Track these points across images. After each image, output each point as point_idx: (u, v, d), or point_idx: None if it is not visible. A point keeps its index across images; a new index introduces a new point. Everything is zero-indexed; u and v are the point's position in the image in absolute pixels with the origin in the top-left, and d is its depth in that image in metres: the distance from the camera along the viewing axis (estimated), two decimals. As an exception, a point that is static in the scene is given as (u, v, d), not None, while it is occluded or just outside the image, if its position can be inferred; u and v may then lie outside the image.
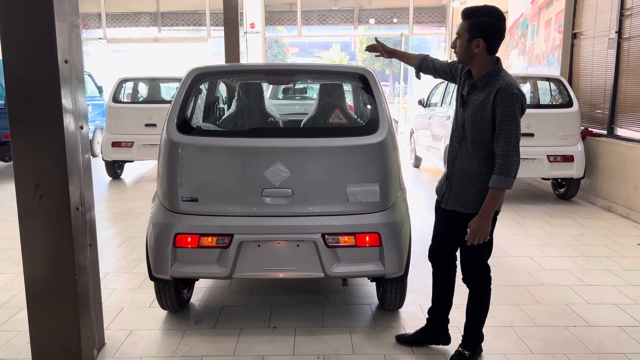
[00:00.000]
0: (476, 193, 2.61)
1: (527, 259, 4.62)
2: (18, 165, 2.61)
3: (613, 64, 6.71)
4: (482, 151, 2.58)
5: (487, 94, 2.51)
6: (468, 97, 2.62)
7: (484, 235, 2.56)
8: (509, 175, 2.46)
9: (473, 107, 2.57)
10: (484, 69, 2.55)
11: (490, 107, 2.49)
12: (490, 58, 2.54)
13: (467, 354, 2.83)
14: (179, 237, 3.03)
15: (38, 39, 2.51)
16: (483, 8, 2.50)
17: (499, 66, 2.56)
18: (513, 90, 2.45)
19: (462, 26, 2.54)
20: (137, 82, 8.99)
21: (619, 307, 3.63)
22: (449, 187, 2.72)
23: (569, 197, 6.92)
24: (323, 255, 3.01)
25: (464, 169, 2.64)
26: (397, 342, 3.07)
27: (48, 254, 2.67)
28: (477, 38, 2.49)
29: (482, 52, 2.51)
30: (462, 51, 2.56)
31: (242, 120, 3.71)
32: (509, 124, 2.45)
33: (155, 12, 14.80)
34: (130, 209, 6.46)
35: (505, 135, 2.45)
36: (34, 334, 2.73)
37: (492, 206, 2.53)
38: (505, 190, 2.52)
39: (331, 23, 14.73)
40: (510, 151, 2.45)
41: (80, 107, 2.77)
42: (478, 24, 2.48)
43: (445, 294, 2.98)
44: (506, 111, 2.44)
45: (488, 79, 2.53)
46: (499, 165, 2.48)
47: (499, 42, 2.53)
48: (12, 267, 4.36)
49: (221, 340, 3.14)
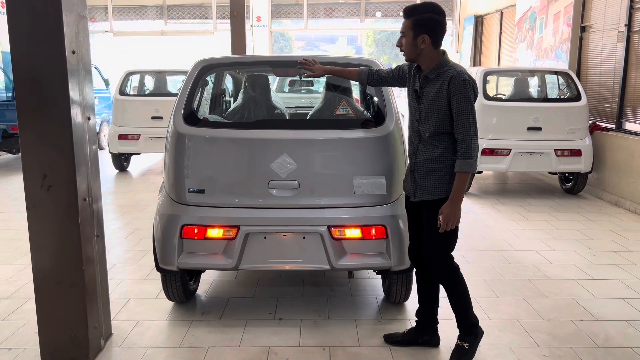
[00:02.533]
0: (441, 178, 2.67)
1: (533, 253, 4.60)
2: (26, 156, 2.62)
3: (622, 57, 6.65)
4: (443, 139, 2.65)
5: (441, 85, 2.59)
6: (422, 91, 2.69)
7: (456, 219, 2.61)
8: (472, 157, 2.56)
9: (428, 100, 2.65)
10: (432, 62, 2.64)
11: (446, 96, 2.58)
12: (436, 51, 2.65)
13: (466, 346, 2.79)
14: (186, 228, 3.04)
15: (45, 30, 2.51)
16: (423, 5, 2.61)
17: (446, 57, 2.66)
18: (464, 77, 2.55)
19: (406, 25, 2.64)
20: (144, 75, 9.00)
21: (626, 302, 3.62)
22: (413, 180, 2.75)
23: (576, 192, 6.88)
24: (329, 247, 3.01)
25: (425, 158, 2.70)
26: (385, 342, 3.01)
27: (56, 244, 2.69)
28: (421, 34, 2.59)
29: (428, 47, 2.62)
30: (409, 49, 2.65)
31: (248, 112, 3.70)
32: (466, 109, 2.54)
33: (162, 5, 14.79)
34: (136, 201, 6.49)
35: (464, 121, 2.55)
36: (42, 324, 2.75)
37: (461, 190, 2.60)
38: (471, 172, 2.60)
39: (337, 16, 14.68)
40: (472, 135, 2.55)
41: (88, 98, 2.77)
42: (420, 20, 2.59)
43: (430, 292, 2.95)
44: (461, 98, 2.54)
45: (438, 71, 2.62)
46: (462, 150, 2.56)
47: (442, 35, 2.65)
48: (20, 258, 4.39)
49: (227, 332, 3.15)
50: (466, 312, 2.82)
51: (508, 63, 10.75)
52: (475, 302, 3.55)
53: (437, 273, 2.79)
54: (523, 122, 6.46)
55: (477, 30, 12.63)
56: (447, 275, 2.77)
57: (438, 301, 2.98)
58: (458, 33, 13.87)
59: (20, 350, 2.94)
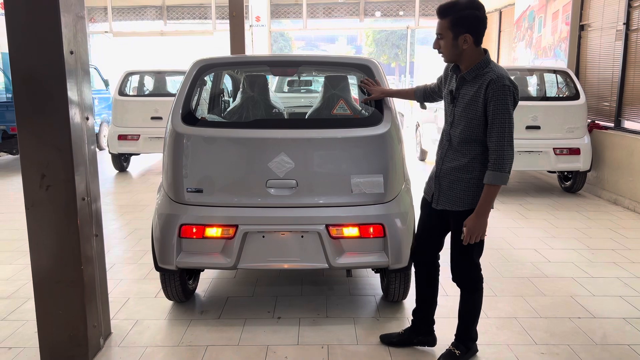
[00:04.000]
0: (467, 189, 2.54)
1: (532, 251, 4.61)
2: (25, 156, 2.63)
3: (621, 56, 6.66)
4: (473, 147, 2.51)
5: (478, 88, 2.43)
6: (457, 93, 2.54)
7: (481, 233, 2.49)
8: (504, 170, 2.40)
9: (463, 103, 2.50)
10: (472, 62, 2.47)
11: (482, 101, 2.41)
12: (478, 50, 2.47)
13: (457, 353, 2.76)
14: (184, 227, 3.05)
15: (43, 30, 2.52)
16: (460, 2, 2.41)
17: (488, 57, 2.49)
18: (505, 82, 2.37)
19: (443, 25, 2.44)
20: (143, 75, 9.01)
21: (624, 299, 3.63)
22: (438, 186, 2.64)
23: (575, 190, 6.89)
24: (327, 246, 3.02)
25: (453, 166, 2.57)
26: (381, 343, 2.98)
27: (54, 244, 2.70)
28: (463, 34, 2.41)
29: (471, 46, 2.43)
30: (449, 50, 2.48)
31: (246, 111, 3.72)
32: (502, 117, 2.37)
33: (161, 5, 14.81)
34: (136, 202, 6.50)
35: (499, 130, 2.38)
36: (42, 323, 2.77)
37: (488, 203, 2.45)
38: (501, 186, 2.46)
39: (337, 16, 14.69)
40: (505, 146, 2.38)
41: (86, 98, 2.78)
42: (460, 19, 2.40)
43: (429, 293, 2.91)
44: (498, 104, 2.36)
45: (477, 72, 2.46)
46: (493, 160, 2.41)
47: (484, 32, 2.46)
48: (20, 258, 4.40)
49: (226, 330, 3.16)
50: (472, 324, 2.80)
51: (507, 62, 10.76)
52: (473, 300, 3.57)
53: (460, 279, 2.71)
54: (522, 120, 6.47)
55: (476, 29, 12.63)
56: (469, 283, 2.71)
57: (436, 302, 2.95)
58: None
59: (19, 349, 2.96)
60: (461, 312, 2.79)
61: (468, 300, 2.75)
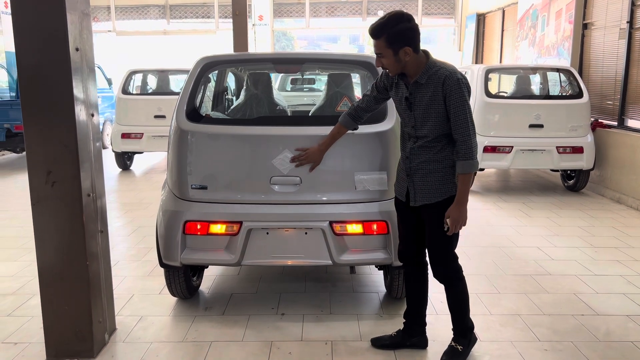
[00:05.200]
0: (441, 179, 2.61)
1: (535, 249, 4.61)
2: (31, 152, 2.64)
3: (624, 54, 6.65)
4: (439, 140, 2.59)
5: (434, 87, 2.51)
6: (413, 98, 2.58)
7: (463, 221, 2.56)
8: (473, 158, 2.51)
9: (423, 105, 2.56)
10: (419, 67, 2.54)
11: (441, 98, 2.50)
12: (420, 56, 2.54)
13: (460, 348, 2.78)
14: (189, 224, 3.06)
15: (49, 27, 2.54)
16: (389, 19, 2.47)
17: (432, 58, 2.56)
18: (458, 76, 2.48)
19: (380, 45, 2.50)
20: (147, 74, 9.03)
21: (628, 297, 3.63)
22: (412, 184, 2.67)
23: (578, 189, 6.88)
24: (331, 242, 3.03)
25: (423, 160, 2.62)
26: (373, 346, 2.94)
27: (60, 240, 2.71)
28: (402, 48, 2.47)
29: (412, 56, 2.51)
30: (394, 66, 2.54)
31: (250, 109, 3.73)
32: (463, 109, 2.48)
33: (164, 4, 14.83)
34: (139, 200, 6.52)
35: (462, 121, 2.49)
36: (47, 318, 2.78)
37: (466, 191, 2.55)
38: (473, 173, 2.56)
39: (339, 15, 14.69)
40: (470, 135, 2.49)
41: (91, 94, 2.80)
42: (395, 35, 2.46)
43: (420, 293, 2.91)
44: (457, 98, 2.47)
45: (428, 73, 2.53)
46: (463, 151, 2.51)
47: (419, 39, 2.53)
48: (24, 255, 4.43)
49: (230, 326, 3.18)
50: (464, 315, 2.81)
51: (510, 61, 10.75)
52: (477, 297, 3.59)
53: (441, 273, 2.74)
54: (525, 119, 6.47)
55: (479, 28, 12.63)
56: (451, 275, 2.74)
57: (427, 302, 2.96)
58: (460, 31, 13.86)
59: (25, 344, 2.97)
60: (453, 307, 2.80)
61: (455, 292, 2.77)
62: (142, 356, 2.86)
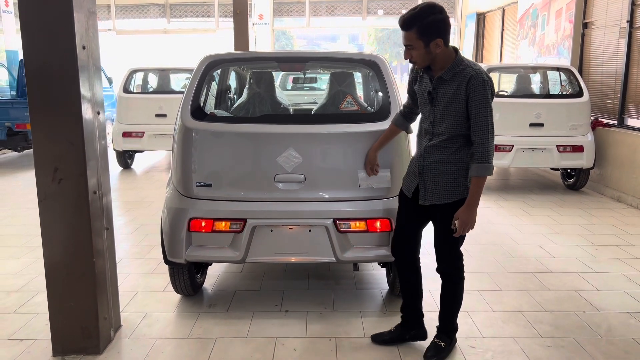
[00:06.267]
0: (453, 181, 2.59)
1: (536, 247, 4.64)
2: (38, 150, 2.66)
3: (624, 53, 6.67)
4: (456, 141, 2.57)
5: (458, 85, 2.49)
6: (436, 92, 2.58)
7: (472, 224, 2.55)
8: (489, 161, 2.49)
9: (444, 101, 2.54)
10: (446, 62, 2.53)
11: (464, 97, 2.48)
12: (449, 50, 2.53)
13: (443, 345, 2.80)
14: (193, 221, 3.08)
15: (56, 25, 2.56)
16: (421, 10, 2.46)
17: (460, 55, 2.55)
18: (484, 77, 2.46)
19: (410, 36, 2.48)
20: (147, 73, 9.05)
21: (628, 294, 3.65)
22: (423, 183, 2.66)
23: (579, 188, 6.91)
24: (334, 240, 3.06)
25: (436, 160, 2.61)
26: (373, 342, 2.95)
27: (67, 237, 2.73)
28: (433, 40, 2.46)
29: (442, 49, 2.49)
30: (423, 58, 2.52)
31: (254, 107, 3.75)
32: (485, 111, 2.45)
33: (164, 3, 14.84)
34: (141, 198, 6.54)
35: (482, 124, 2.46)
36: (54, 315, 2.80)
37: (478, 194, 2.52)
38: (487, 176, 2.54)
39: (339, 14, 14.71)
40: (489, 138, 2.47)
41: (97, 93, 2.82)
42: (427, 26, 2.44)
43: (415, 287, 2.93)
44: (480, 99, 2.44)
45: (454, 70, 2.51)
46: (479, 154, 2.48)
47: (450, 31, 2.52)
48: (29, 253, 4.44)
49: (234, 323, 3.20)
50: (452, 316, 2.84)
51: (510, 60, 10.77)
52: (479, 294, 3.62)
53: (444, 269, 2.76)
54: (525, 118, 6.50)
55: (479, 27, 12.65)
56: (453, 272, 2.76)
57: (422, 294, 2.98)
58: (460, 30, 13.88)
59: (31, 341, 2.99)
60: (446, 303, 2.82)
61: (453, 290, 2.79)
62: (147, 352, 2.88)
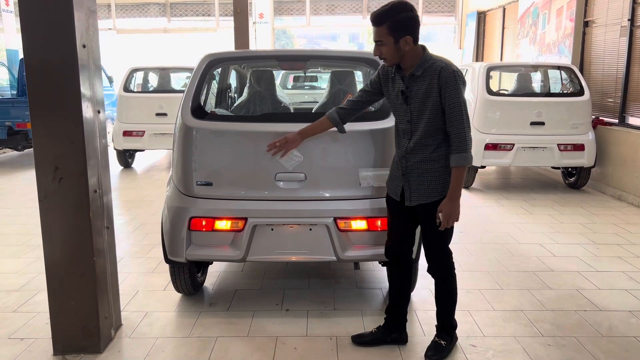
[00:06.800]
0: (437, 178, 2.61)
1: (537, 246, 4.63)
2: (38, 149, 2.66)
3: (625, 52, 6.66)
4: (435, 136, 2.59)
5: (430, 80, 2.52)
6: (409, 91, 2.59)
7: (456, 216, 2.56)
8: (467, 151, 2.50)
9: (419, 98, 2.56)
10: (415, 59, 2.56)
11: (437, 90, 2.51)
12: (418, 48, 2.56)
13: (443, 343, 2.80)
14: (194, 220, 3.08)
15: (57, 24, 2.55)
16: (393, 7, 2.49)
17: (428, 52, 2.58)
18: (453, 69, 2.50)
19: (381, 32, 2.50)
20: (148, 72, 9.05)
21: (630, 293, 3.65)
22: (407, 184, 2.67)
23: (580, 186, 6.90)
24: (335, 239, 3.05)
25: (418, 159, 2.62)
26: (353, 343, 2.93)
27: (67, 236, 2.73)
28: (403, 37, 2.48)
29: (411, 46, 2.52)
30: (392, 55, 2.54)
31: (254, 106, 3.75)
32: (458, 102, 2.48)
33: (165, 2, 14.82)
34: (142, 197, 6.54)
35: (457, 114, 2.49)
36: (54, 314, 2.80)
37: (459, 185, 2.55)
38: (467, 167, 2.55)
39: (340, 13, 14.69)
40: (465, 128, 2.49)
41: (97, 91, 2.81)
42: (398, 23, 2.47)
43: (404, 290, 2.93)
44: (452, 90, 2.48)
45: (424, 66, 2.54)
46: (457, 144, 2.50)
47: (419, 30, 2.55)
48: (29, 252, 4.44)
49: (235, 322, 3.19)
50: (451, 312, 2.84)
51: (511, 59, 10.76)
52: (479, 293, 3.61)
53: (436, 268, 2.76)
54: (526, 117, 6.49)
55: (479, 26, 12.63)
56: (445, 270, 2.76)
57: (409, 299, 2.98)
58: (461, 29, 13.87)
59: (32, 340, 2.99)
60: (441, 301, 2.82)
61: (446, 288, 2.79)
62: (148, 351, 2.88)
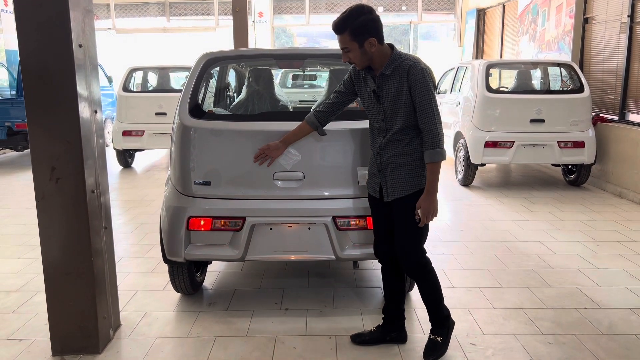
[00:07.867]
0: (411, 172, 2.63)
1: (537, 243, 4.62)
2: (35, 149, 2.65)
3: (625, 48, 6.65)
4: (408, 132, 2.61)
5: (400, 78, 2.54)
6: (380, 90, 2.61)
7: (434, 212, 2.57)
8: (440, 146, 2.53)
9: (390, 97, 2.58)
10: (384, 58, 2.58)
11: (407, 88, 2.53)
12: (385, 47, 2.59)
13: (439, 339, 2.79)
14: (192, 220, 3.07)
15: (52, 24, 2.54)
16: (350, 13, 2.51)
17: (397, 51, 2.61)
18: (422, 66, 2.53)
19: (344, 39, 2.53)
20: (147, 72, 9.03)
21: (630, 290, 3.64)
22: (384, 179, 2.69)
23: (580, 184, 6.89)
24: (334, 237, 3.04)
25: (392, 154, 2.64)
26: (352, 343, 2.93)
27: (65, 236, 2.72)
28: (366, 39, 2.51)
29: (377, 47, 2.54)
30: (360, 59, 2.57)
31: (252, 105, 3.73)
32: (428, 98, 2.51)
33: (164, 2, 14.81)
34: (141, 197, 6.53)
35: (428, 111, 2.51)
36: (52, 314, 2.80)
37: (435, 181, 2.57)
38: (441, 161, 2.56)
39: (340, 11, 14.62)
40: (436, 124, 2.52)
41: (94, 91, 2.80)
42: (358, 28, 2.49)
43: (397, 287, 2.92)
44: (422, 87, 2.50)
45: (393, 65, 2.56)
46: (429, 141, 2.52)
47: (382, 29, 2.57)
48: (28, 252, 4.44)
49: (234, 322, 3.19)
50: (438, 306, 2.81)
51: (510, 56, 10.74)
52: (480, 291, 3.60)
53: (410, 267, 2.73)
54: (526, 114, 6.47)
55: (479, 23, 12.61)
56: (420, 269, 2.73)
57: (405, 297, 2.97)
58: (460, 27, 13.84)
59: (30, 340, 2.99)
60: (427, 299, 2.79)
61: (427, 285, 2.76)
62: (147, 351, 2.87)
